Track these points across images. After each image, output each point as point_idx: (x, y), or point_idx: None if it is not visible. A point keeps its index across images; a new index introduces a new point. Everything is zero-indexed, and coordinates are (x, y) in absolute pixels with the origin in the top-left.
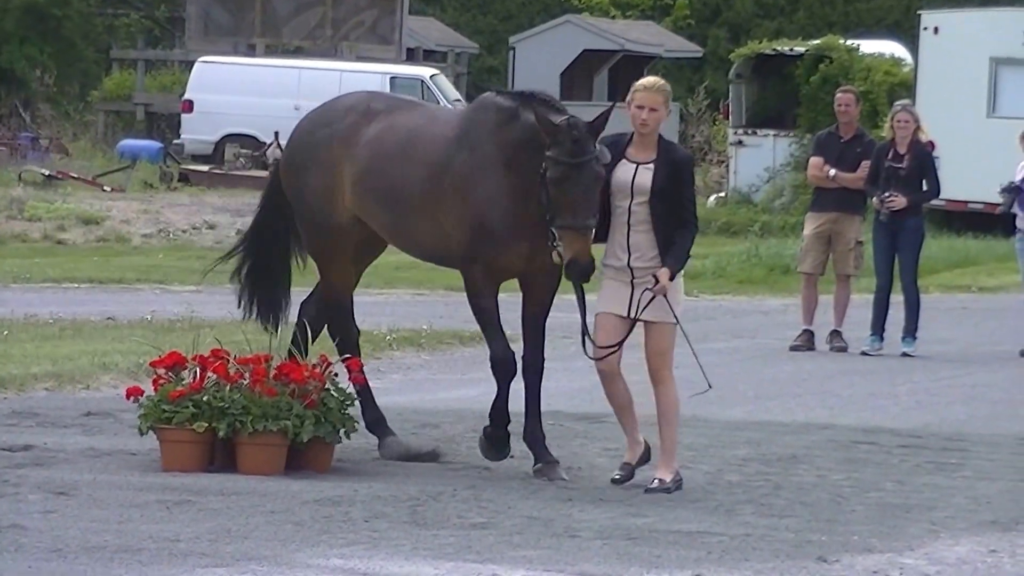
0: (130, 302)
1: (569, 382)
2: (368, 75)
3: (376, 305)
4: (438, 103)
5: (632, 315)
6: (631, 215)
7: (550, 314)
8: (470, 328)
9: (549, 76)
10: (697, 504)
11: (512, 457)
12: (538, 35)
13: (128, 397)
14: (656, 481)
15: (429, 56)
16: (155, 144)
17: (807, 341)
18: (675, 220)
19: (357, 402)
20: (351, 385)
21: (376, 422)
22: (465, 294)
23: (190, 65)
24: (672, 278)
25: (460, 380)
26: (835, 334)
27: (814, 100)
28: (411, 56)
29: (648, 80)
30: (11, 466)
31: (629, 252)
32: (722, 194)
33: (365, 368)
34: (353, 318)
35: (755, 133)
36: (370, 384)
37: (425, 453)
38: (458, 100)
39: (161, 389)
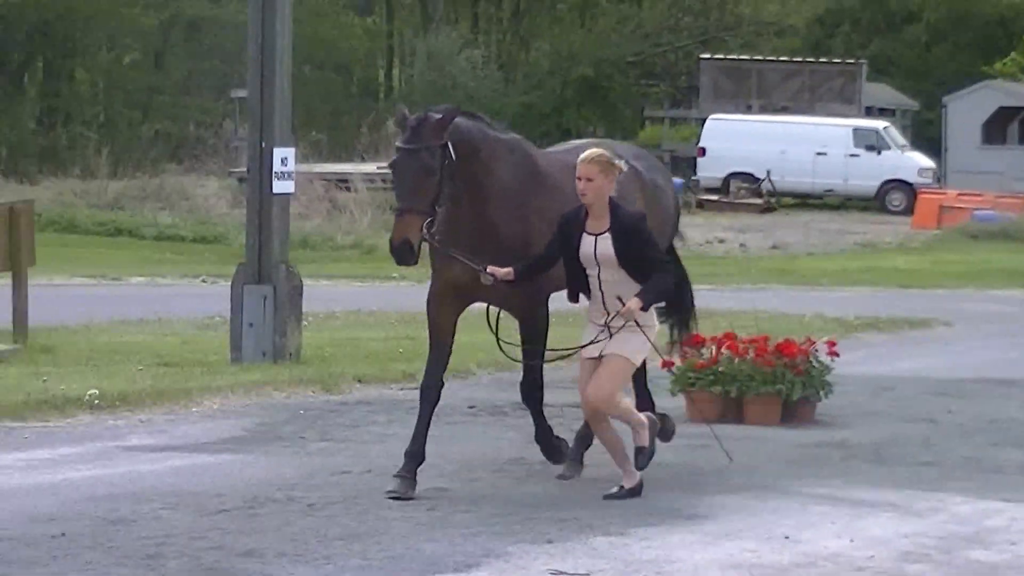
0: None
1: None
2: (835, 128)
3: (843, 300)
4: (889, 149)
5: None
6: (601, 283)
7: None
8: (918, 315)
9: (972, 127)
10: None
11: (950, 413)
12: (964, 96)
13: (663, 367)
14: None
15: (881, 112)
16: (677, 181)
17: None
18: (649, 274)
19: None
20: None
21: None
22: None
23: (703, 121)
24: (643, 309)
25: (910, 354)
26: None
27: None
28: (868, 112)
29: (587, 153)
30: (576, 418)
31: (607, 313)
32: None
33: (838, 346)
34: None
35: None
36: (838, 356)
37: None
38: (904, 146)
39: (687, 362)
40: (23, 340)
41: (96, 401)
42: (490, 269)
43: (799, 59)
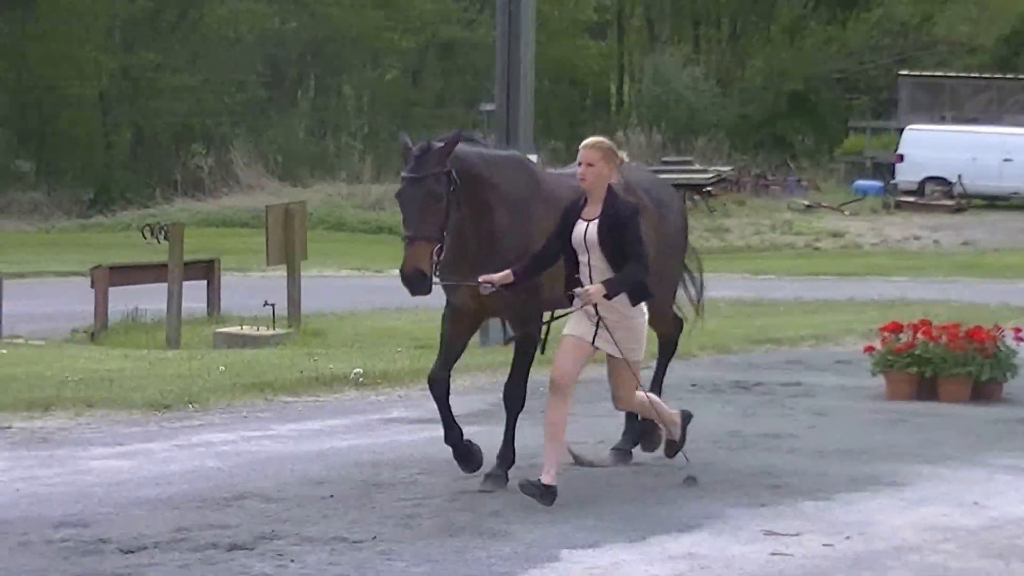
0: (862, 288)
1: None
2: (1020, 137)
3: None
4: None
5: (594, 343)
6: (591, 269)
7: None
8: None
9: None
10: None
11: None
12: None
13: (865, 351)
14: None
15: None
16: (878, 184)
17: None
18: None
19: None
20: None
21: None
22: None
23: (901, 131)
24: (607, 297)
25: None
26: None
27: None
28: None
29: (589, 139)
30: (787, 396)
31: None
32: None
33: (1023, 332)
34: None
35: None
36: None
37: None
38: None
39: (887, 345)
40: (296, 325)
41: (360, 379)
42: (484, 278)
43: (988, 75)
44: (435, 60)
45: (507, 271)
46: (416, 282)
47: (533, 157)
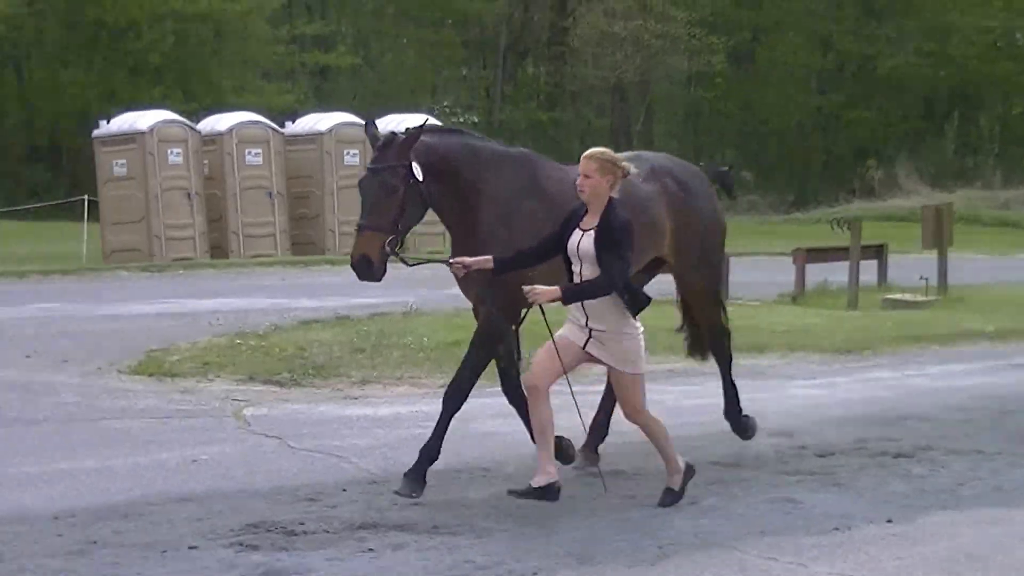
0: None
1: None
2: None
3: None
4: None
5: (585, 348)
6: (581, 279)
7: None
8: None
9: None
10: None
11: None
12: None
13: None
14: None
15: None
16: None
17: None
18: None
19: None
20: None
21: None
22: None
23: None
24: (563, 302)
25: None
26: None
27: None
28: None
29: (589, 150)
30: None
31: (586, 315)
32: None
33: None
34: None
35: None
36: None
37: None
38: None
39: None
40: (943, 294)
41: (992, 334)
42: (455, 260)
43: None
44: None
45: (487, 257)
46: (362, 269)
47: None
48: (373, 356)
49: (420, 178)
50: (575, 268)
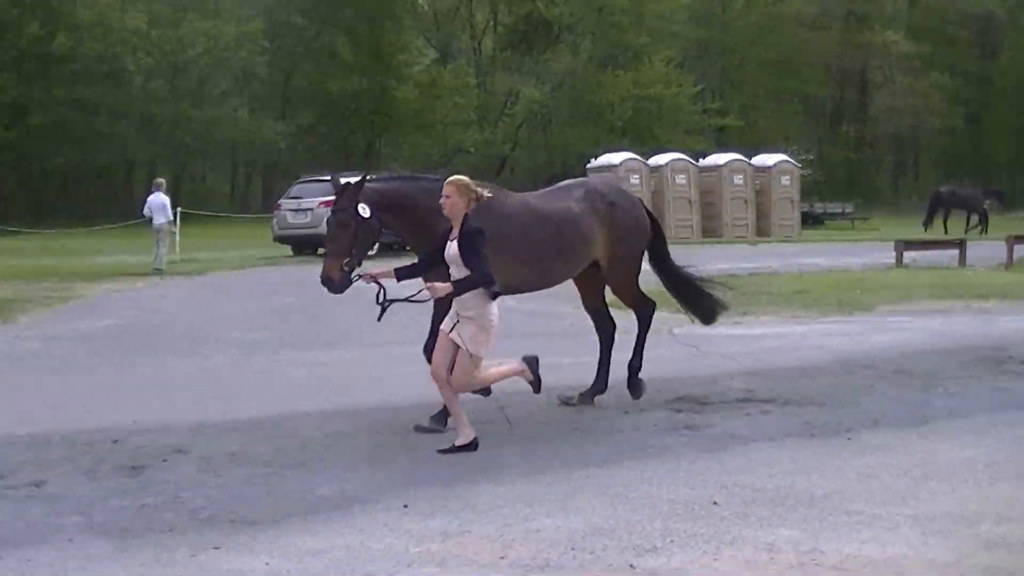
0: None
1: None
2: None
3: None
4: None
5: (449, 334)
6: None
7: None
8: None
9: None
10: None
11: None
12: None
13: None
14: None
15: None
16: None
17: None
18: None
19: None
20: None
21: None
22: None
23: None
24: (454, 294)
25: None
26: None
27: None
28: None
29: (450, 178)
30: None
31: (459, 303)
32: None
33: None
34: None
35: None
36: None
37: None
38: None
39: None
40: None
41: None
42: (428, 285)
43: None
44: None
45: (447, 284)
46: (327, 284)
47: None
48: (750, 298)
49: (367, 216)
50: (453, 271)
